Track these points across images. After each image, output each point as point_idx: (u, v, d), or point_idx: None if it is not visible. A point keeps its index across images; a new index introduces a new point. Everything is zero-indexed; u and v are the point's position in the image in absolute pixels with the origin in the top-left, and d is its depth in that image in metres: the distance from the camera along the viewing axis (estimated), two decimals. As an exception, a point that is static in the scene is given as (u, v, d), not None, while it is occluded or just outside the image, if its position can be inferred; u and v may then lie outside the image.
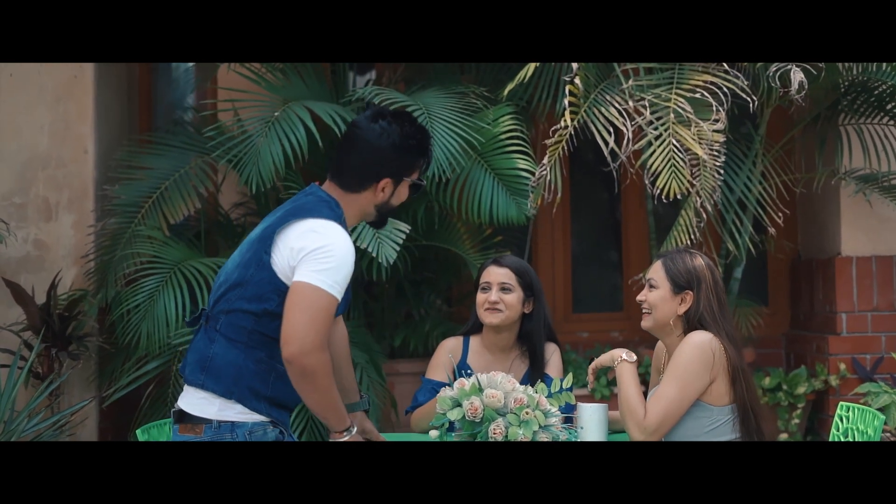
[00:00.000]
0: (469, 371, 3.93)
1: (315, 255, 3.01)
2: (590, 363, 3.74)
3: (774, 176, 5.65)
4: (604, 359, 3.66)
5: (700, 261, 3.61)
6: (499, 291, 4.11)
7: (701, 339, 3.51)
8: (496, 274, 4.14)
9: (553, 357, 4.23)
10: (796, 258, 6.49)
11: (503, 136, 5.28)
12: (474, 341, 4.25)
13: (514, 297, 4.11)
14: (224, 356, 3.10)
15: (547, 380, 3.98)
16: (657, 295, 3.60)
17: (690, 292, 3.57)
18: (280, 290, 3.05)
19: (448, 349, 4.22)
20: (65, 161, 5.52)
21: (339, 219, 3.12)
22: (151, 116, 6.42)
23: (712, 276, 3.60)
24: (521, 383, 3.68)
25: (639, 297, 3.68)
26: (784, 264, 6.54)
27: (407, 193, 3.30)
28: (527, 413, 3.43)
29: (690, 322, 3.56)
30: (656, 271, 3.64)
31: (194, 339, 3.22)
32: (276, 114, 5.09)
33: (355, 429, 3.16)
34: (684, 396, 3.48)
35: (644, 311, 3.65)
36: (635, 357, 3.59)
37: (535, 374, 4.12)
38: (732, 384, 3.51)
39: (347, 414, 3.17)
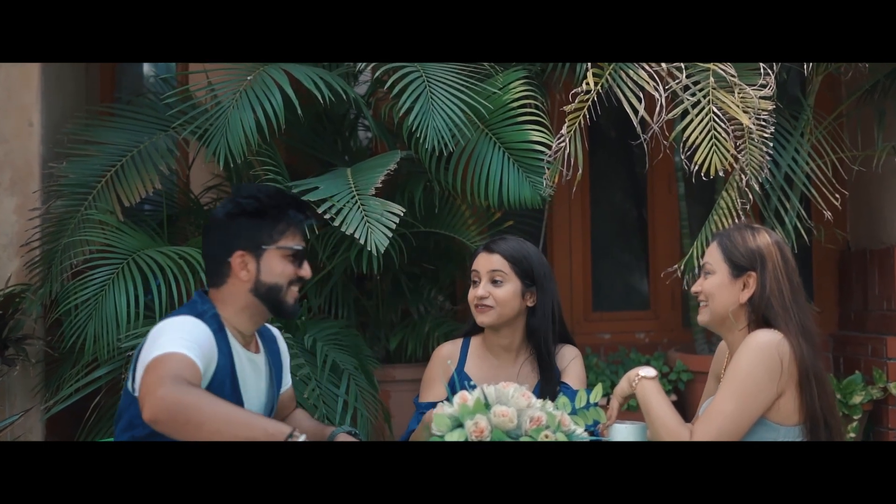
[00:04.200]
0: (471, 382, 3.24)
1: (148, 346, 2.78)
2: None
3: (830, 153, 5.11)
4: (622, 387, 3.12)
5: (765, 237, 3.05)
6: (488, 284, 3.45)
7: (766, 341, 2.91)
8: (485, 262, 3.48)
9: (573, 364, 3.56)
10: (845, 248, 5.96)
11: (514, 105, 4.66)
12: (475, 343, 3.56)
13: (508, 291, 3.44)
14: None
15: (568, 392, 3.30)
16: (714, 282, 3.05)
17: (753, 274, 3.00)
18: None
19: (444, 357, 3.53)
20: (6, 136, 4.81)
21: (199, 313, 2.90)
22: (115, 85, 5.70)
23: (781, 254, 3.02)
24: (533, 393, 3.00)
25: (694, 289, 3.12)
26: (832, 255, 6.01)
27: (287, 265, 2.98)
28: (546, 436, 2.82)
29: (756, 311, 2.99)
30: (711, 254, 3.09)
31: None
32: (248, 78, 4.43)
33: (302, 436, 2.67)
34: (744, 412, 2.89)
35: (700, 303, 3.09)
36: (655, 372, 3.04)
37: (544, 383, 3.46)
38: (804, 393, 2.92)
39: (277, 421, 2.74)
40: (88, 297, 4.33)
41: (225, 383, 2.89)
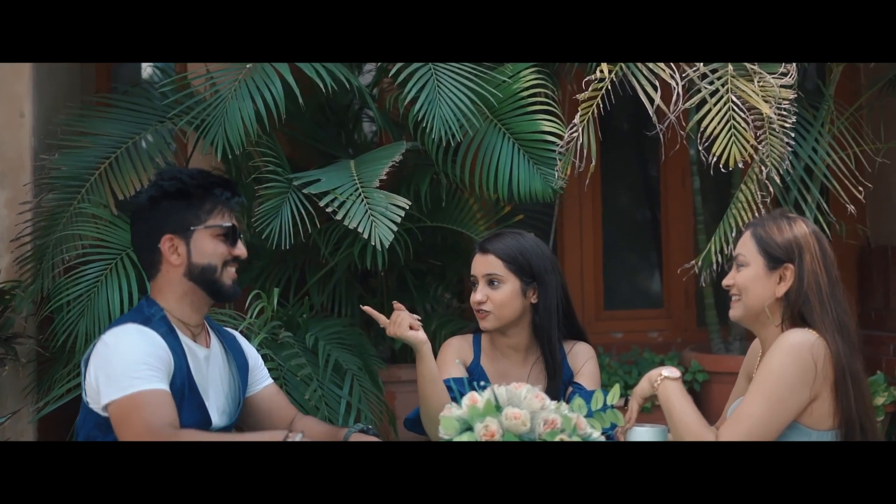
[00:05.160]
0: (480, 384, 3.10)
1: (102, 368, 2.80)
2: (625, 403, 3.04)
3: (852, 144, 4.95)
4: (643, 387, 2.98)
5: (802, 226, 2.89)
6: (486, 287, 3.33)
7: (799, 342, 2.76)
8: (481, 264, 3.36)
9: (588, 364, 3.43)
10: (865, 245, 5.83)
11: (524, 94, 4.50)
12: (485, 340, 3.45)
13: (506, 292, 3.32)
14: None
15: (584, 393, 3.16)
16: (748, 274, 2.89)
17: (790, 266, 2.85)
18: (99, 422, 2.83)
19: (454, 350, 3.40)
20: (-4, 127, 4.67)
21: (145, 319, 2.88)
22: (110, 76, 5.56)
23: (819, 245, 2.87)
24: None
25: (725, 282, 2.97)
26: (852, 252, 5.85)
27: (219, 245, 2.95)
28: (561, 440, 2.68)
29: (792, 305, 2.84)
30: (745, 244, 2.92)
31: None
32: (248, 66, 4.30)
33: (298, 435, 2.74)
34: (774, 416, 2.75)
35: (733, 297, 2.94)
36: (678, 372, 2.90)
37: (550, 383, 3.33)
38: (839, 396, 2.78)
39: (268, 432, 2.88)
40: (80, 294, 4.22)
41: (185, 386, 2.84)
